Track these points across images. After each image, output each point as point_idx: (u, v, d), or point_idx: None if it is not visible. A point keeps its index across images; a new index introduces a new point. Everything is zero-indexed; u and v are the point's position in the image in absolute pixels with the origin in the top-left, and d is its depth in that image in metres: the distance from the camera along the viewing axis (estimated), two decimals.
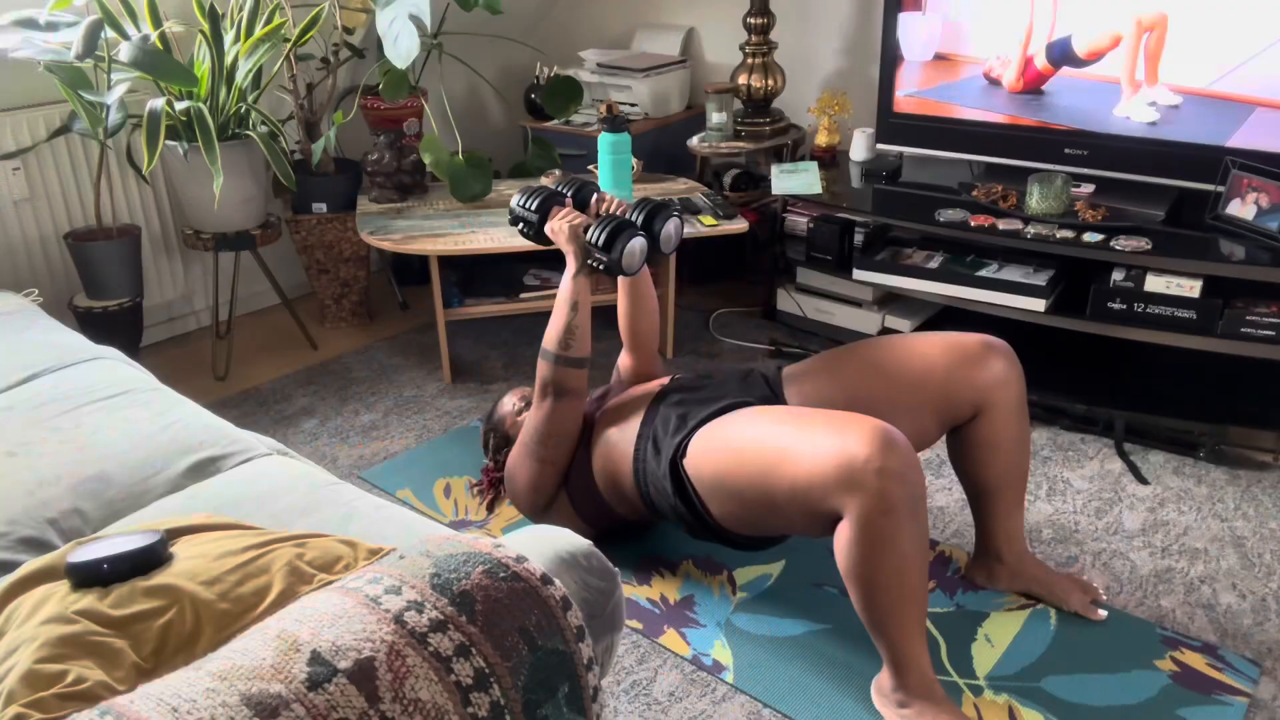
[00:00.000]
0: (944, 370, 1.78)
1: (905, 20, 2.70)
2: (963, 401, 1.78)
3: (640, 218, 1.94)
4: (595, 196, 2.03)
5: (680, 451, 1.74)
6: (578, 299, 1.89)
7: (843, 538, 1.51)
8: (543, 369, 1.91)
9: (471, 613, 1.04)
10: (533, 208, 1.99)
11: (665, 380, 1.98)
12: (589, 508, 1.97)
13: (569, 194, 2.03)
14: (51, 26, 2.41)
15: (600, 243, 1.85)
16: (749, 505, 1.64)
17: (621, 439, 1.87)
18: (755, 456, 1.61)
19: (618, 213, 1.98)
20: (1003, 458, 1.81)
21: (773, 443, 1.59)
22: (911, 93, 2.75)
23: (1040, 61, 2.54)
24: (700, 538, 1.83)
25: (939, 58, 2.69)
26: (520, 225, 2.02)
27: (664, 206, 1.96)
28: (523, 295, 2.89)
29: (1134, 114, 2.43)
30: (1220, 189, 2.36)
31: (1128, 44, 2.39)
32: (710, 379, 1.93)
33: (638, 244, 1.87)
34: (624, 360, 2.16)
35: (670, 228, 1.96)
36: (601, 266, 1.86)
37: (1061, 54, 2.51)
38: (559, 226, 1.93)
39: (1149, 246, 2.33)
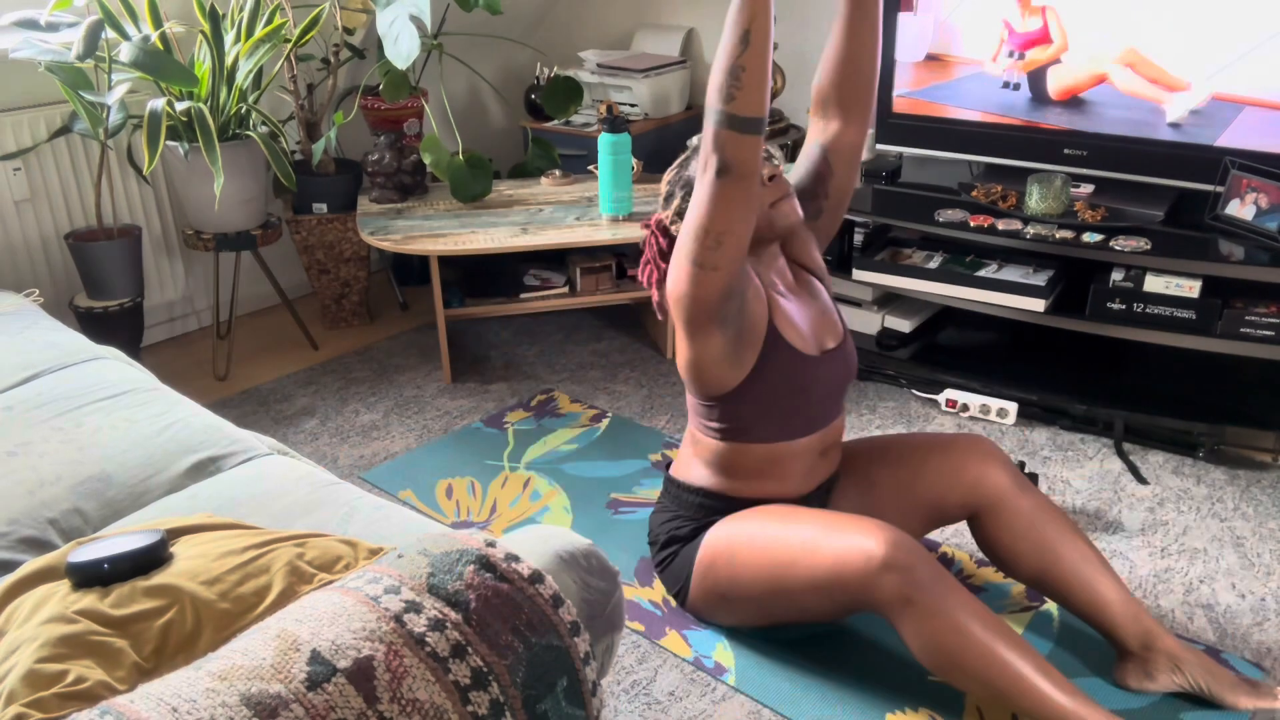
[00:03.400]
0: (927, 475, 1.78)
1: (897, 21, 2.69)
2: (951, 505, 1.77)
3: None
4: None
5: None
6: (750, 26, 1.37)
7: (906, 639, 1.54)
8: (706, 129, 1.48)
9: (467, 612, 1.04)
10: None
11: None
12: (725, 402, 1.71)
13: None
14: (52, 27, 2.41)
15: None
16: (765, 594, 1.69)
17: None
18: (767, 557, 1.66)
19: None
20: (1031, 541, 1.70)
21: (785, 546, 1.64)
22: (903, 93, 2.75)
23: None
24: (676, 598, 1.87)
25: (930, 58, 2.69)
26: None
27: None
28: (523, 295, 2.89)
29: (1171, 115, 2.41)
30: (1220, 189, 2.36)
31: (1125, 78, 2.41)
32: None
33: None
34: (827, 127, 1.77)
35: None
36: None
37: (1038, 88, 2.54)
38: None
39: (1148, 246, 2.33)
